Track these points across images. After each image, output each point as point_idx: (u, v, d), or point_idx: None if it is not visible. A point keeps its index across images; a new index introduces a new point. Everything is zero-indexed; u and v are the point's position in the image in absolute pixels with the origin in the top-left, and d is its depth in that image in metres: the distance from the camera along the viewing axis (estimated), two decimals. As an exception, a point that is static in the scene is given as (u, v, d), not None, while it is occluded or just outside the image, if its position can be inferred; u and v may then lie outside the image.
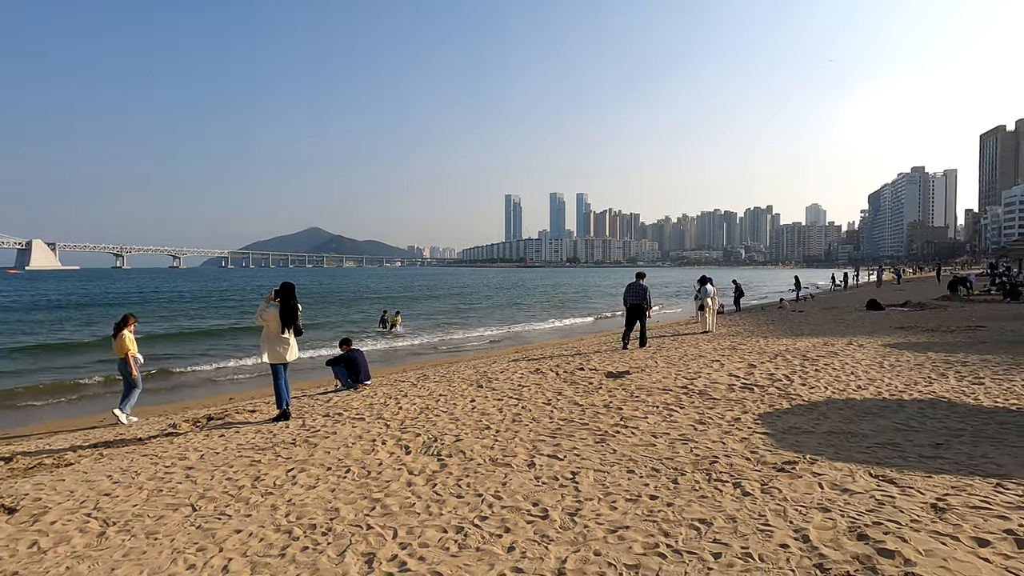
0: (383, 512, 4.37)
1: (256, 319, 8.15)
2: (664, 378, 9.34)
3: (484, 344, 22.78)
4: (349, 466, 5.60)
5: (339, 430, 7.11)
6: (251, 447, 6.62)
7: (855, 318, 20.03)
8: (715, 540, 3.59)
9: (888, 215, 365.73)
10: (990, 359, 10.03)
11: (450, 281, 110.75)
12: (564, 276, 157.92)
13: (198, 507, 4.74)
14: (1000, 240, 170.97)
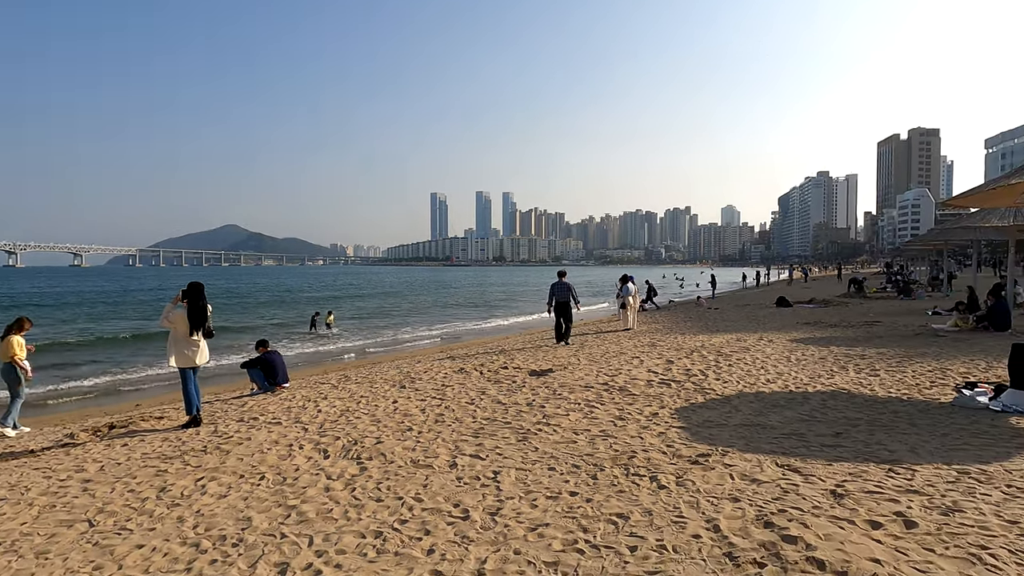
0: (299, 519, 4.23)
1: (162, 322, 7.69)
2: (586, 375, 9.50)
3: (410, 343, 22.53)
4: (264, 473, 5.39)
5: (254, 435, 6.83)
6: (157, 456, 6.26)
7: (766, 314, 21.02)
8: (632, 534, 3.67)
9: (796, 216, 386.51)
10: (885, 352, 10.75)
11: (376, 280, 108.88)
12: (491, 275, 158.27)
13: (96, 522, 4.44)
14: (895, 240, 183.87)
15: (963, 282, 27.18)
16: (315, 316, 27.91)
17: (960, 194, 9.28)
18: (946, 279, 28.81)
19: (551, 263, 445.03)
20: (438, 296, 56.62)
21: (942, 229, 28.30)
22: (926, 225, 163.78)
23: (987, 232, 18.34)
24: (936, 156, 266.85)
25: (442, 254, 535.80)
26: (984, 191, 8.43)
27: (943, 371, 8.74)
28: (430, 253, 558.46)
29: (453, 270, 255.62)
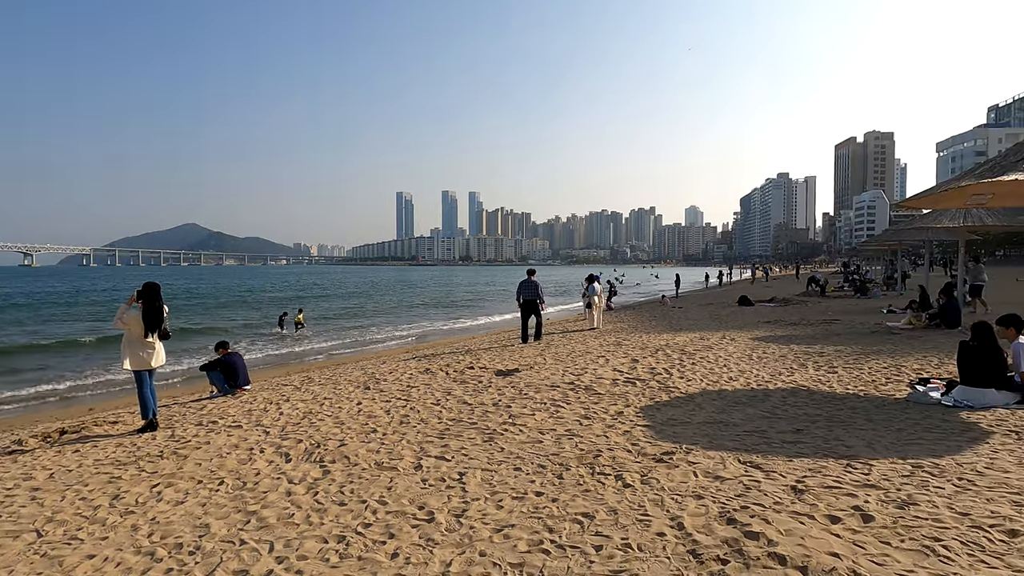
0: (259, 525, 4.13)
1: (115, 323, 7.43)
2: (552, 375, 9.52)
3: (376, 344, 22.30)
4: (223, 478, 5.25)
5: (213, 439, 6.66)
6: (111, 462, 6.06)
7: (728, 313, 21.38)
8: (597, 533, 3.67)
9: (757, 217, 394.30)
10: (843, 349, 11.02)
11: (341, 280, 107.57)
12: (457, 275, 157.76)
13: (44, 532, 4.26)
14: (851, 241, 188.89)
15: (916, 281, 28.03)
16: (283, 316, 27.34)
17: (913, 196, 9.56)
18: (900, 278, 29.70)
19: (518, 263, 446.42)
20: (404, 296, 56.22)
21: (896, 230, 29.16)
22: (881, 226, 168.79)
23: (938, 233, 18.96)
24: (890, 159, 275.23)
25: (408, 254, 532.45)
26: (936, 193, 8.70)
27: (898, 368, 8.99)
28: (396, 253, 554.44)
29: (419, 270, 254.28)
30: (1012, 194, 8.68)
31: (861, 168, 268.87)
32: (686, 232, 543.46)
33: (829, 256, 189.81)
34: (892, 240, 29.91)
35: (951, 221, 14.99)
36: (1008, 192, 8.39)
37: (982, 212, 14.01)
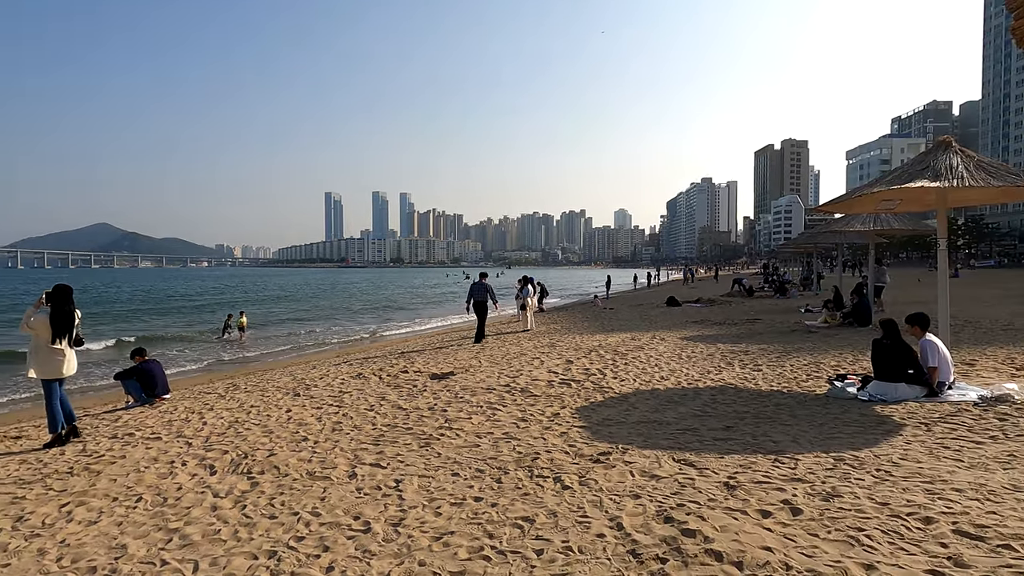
0: (182, 543, 3.90)
1: (21, 327, 6.89)
2: (488, 377, 9.48)
3: (308, 349, 21.64)
4: (141, 494, 4.94)
5: (129, 453, 6.27)
6: (13, 481, 5.60)
7: (657, 314, 21.93)
8: (538, 537, 3.65)
9: (683, 220, 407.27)
10: (766, 348, 11.48)
11: (267, 283, 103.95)
12: (389, 277, 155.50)
13: (-65, 562, 3.89)
14: (770, 243, 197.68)
15: (830, 282, 29.58)
16: (228, 319, 26.03)
17: (829, 201, 10.04)
18: (815, 279, 31.28)
19: (450, 265, 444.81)
20: (335, 300, 54.92)
21: (812, 233, 30.67)
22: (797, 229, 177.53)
23: (850, 236, 20.03)
24: (805, 166, 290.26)
25: (337, 255, 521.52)
26: (850, 199, 9.16)
27: (817, 364, 9.43)
28: (324, 254, 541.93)
29: (349, 272, 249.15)
30: (917, 200, 9.24)
31: (778, 174, 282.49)
32: (615, 234, 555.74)
33: (750, 258, 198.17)
34: (808, 243, 31.44)
35: (862, 225, 15.84)
36: (914, 198, 8.92)
37: (890, 217, 14.88)
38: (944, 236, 8.53)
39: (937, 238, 8.69)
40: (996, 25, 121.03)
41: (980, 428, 5.64)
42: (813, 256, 34.32)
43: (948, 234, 8.92)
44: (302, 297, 58.87)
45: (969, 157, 7.97)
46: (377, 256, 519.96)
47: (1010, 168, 8.30)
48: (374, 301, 52.54)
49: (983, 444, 5.14)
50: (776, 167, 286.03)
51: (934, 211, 9.06)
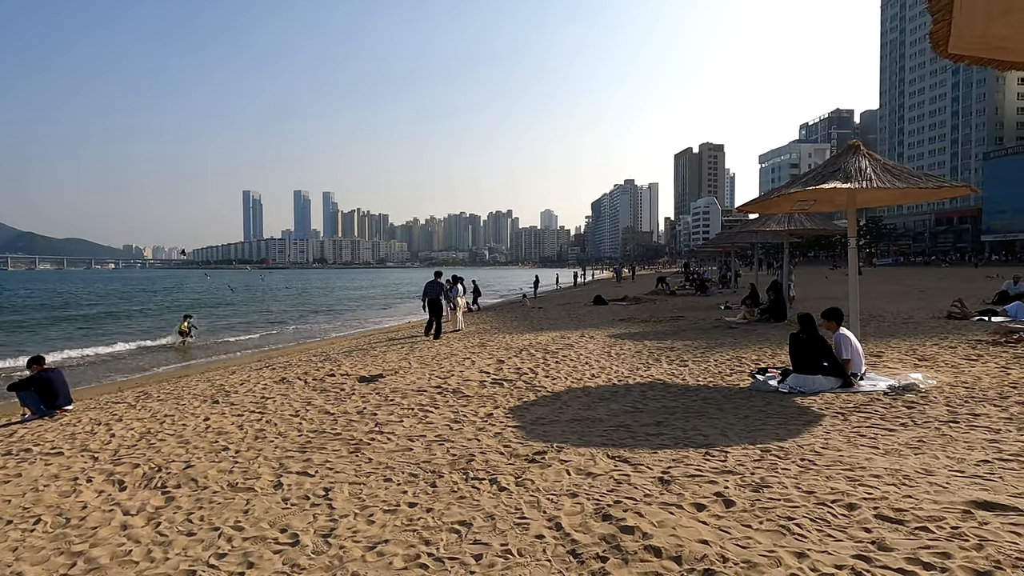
0: (88, 568, 3.58)
1: None
2: (418, 379, 9.30)
3: (227, 355, 20.67)
4: (39, 515, 4.52)
5: (26, 471, 5.75)
6: None
7: (585, 312, 22.23)
8: (476, 541, 3.56)
9: (607, 221, 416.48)
10: (690, 344, 11.80)
11: (180, 285, 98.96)
12: (313, 278, 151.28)
13: None
14: (690, 243, 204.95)
15: (747, 280, 30.84)
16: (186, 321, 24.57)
17: (749, 201, 10.43)
18: (733, 277, 32.58)
19: (375, 265, 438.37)
20: (255, 301, 52.89)
21: (729, 233, 31.92)
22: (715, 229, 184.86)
23: (765, 235, 20.95)
24: (721, 169, 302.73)
25: (257, 256, 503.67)
26: (768, 199, 9.54)
27: (739, 359, 9.76)
28: (243, 255, 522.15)
29: (270, 273, 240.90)
30: (829, 200, 9.72)
31: (697, 176, 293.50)
32: (542, 235, 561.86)
33: (671, 258, 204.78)
34: (726, 243, 32.71)
35: (777, 225, 16.59)
36: (826, 199, 9.38)
37: (802, 217, 15.64)
38: (854, 235, 8.99)
39: (847, 237, 9.15)
40: (892, 39, 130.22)
41: (891, 416, 5.95)
42: (731, 255, 35.74)
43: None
44: (218, 300, 56.38)
45: (876, 160, 8.44)
46: (299, 257, 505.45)
47: (912, 171, 8.85)
48: (297, 302, 50.96)
49: (895, 431, 5.42)
50: (695, 170, 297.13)
51: (843, 211, 9.54)
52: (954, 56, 2.99)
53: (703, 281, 32.10)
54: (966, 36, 2.80)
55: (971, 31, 2.77)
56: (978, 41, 2.86)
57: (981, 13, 2.61)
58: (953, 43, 2.83)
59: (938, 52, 2.89)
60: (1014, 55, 3.01)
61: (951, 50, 2.88)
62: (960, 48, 2.91)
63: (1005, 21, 2.63)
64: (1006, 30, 2.73)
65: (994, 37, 2.80)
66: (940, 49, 2.89)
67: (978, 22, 2.69)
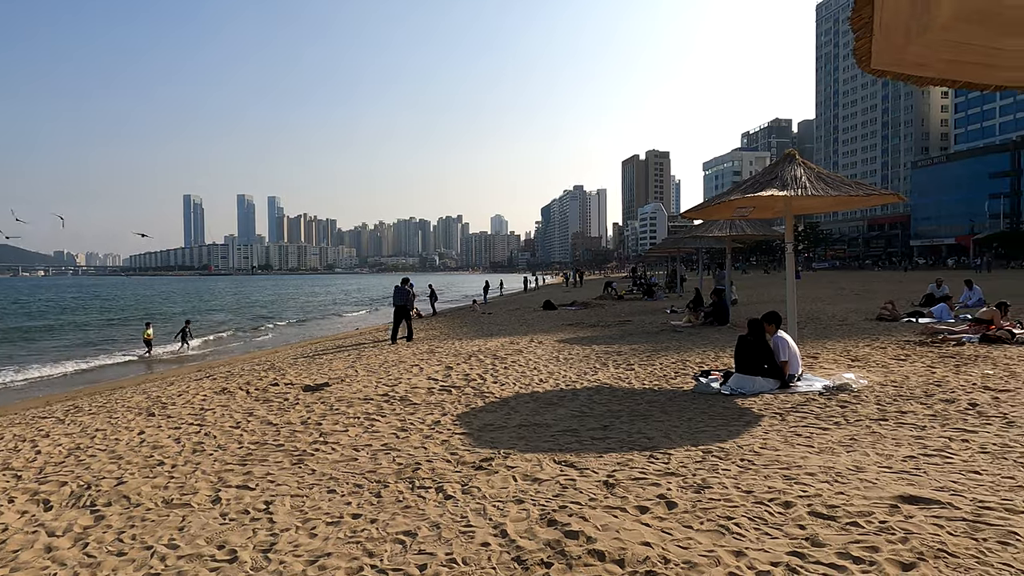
0: (7, 594, 3.39)
1: None
2: (365, 387, 9.16)
3: (163, 364, 19.96)
4: (-45, 540, 4.25)
5: (-59, 492, 5.40)
6: None
7: (534, 317, 22.36)
8: (420, 551, 3.52)
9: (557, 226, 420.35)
10: (637, 348, 12.00)
11: (113, 293, 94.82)
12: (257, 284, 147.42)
13: None
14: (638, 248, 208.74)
15: (692, 284, 31.57)
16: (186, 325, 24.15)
17: (691, 208, 10.71)
18: (679, 282, 33.30)
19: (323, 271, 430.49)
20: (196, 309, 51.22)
21: (675, 238, 32.66)
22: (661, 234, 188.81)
23: (709, 241, 21.53)
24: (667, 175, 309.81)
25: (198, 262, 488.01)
26: (709, 206, 9.82)
27: (683, 362, 9.97)
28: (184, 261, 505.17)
29: (212, 280, 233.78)
30: (768, 207, 10.07)
31: (644, 182, 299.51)
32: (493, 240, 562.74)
33: (619, 262, 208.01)
34: (671, 247, 33.43)
35: (719, 231, 17.08)
36: (765, 205, 9.71)
37: (744, 223, 16.13)
38: (791, 240, 9.32)
39: (784, 242, 9.49)
40: (826, 53, 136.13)
41: (826, 415, 6.18)
42: (676, 260, 36.53)
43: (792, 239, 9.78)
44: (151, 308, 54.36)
45: (811, 169, 8.78)
46: (243, 263, 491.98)
47: (844, 179, 9.23)
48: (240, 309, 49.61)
49: (829, 430, 5.63)
50: (642, 176, 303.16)
51: (782, 217, 9.88)
52: (876, 72, 3.12)
53: (650, 285, 32.71)
54: (886, 54, 2.92)
55: (891, 49, 2.88)
56: (898, 58, 2.98)
57: (900, 33, 2.72)
58: (875, 59, 2.95)
59: (862, 67, 3.01)
60: (932, 72, 3.15)
61: (874, 66, 3.01)
62: (882, 64, 3.03)
63: (922, 41, 2.75)
64: (923, 49, 2.85)
65: (913, 55, 2.92)
66: (863, 64, 3.01)
67: (897, 41, 2.80)
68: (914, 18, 2.64)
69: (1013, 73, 3.13)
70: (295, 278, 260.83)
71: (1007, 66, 3.01)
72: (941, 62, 3.04)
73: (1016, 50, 2.83)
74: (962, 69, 3.15)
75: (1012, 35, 2.73)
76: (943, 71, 3.16)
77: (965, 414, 5.91)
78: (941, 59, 3.00)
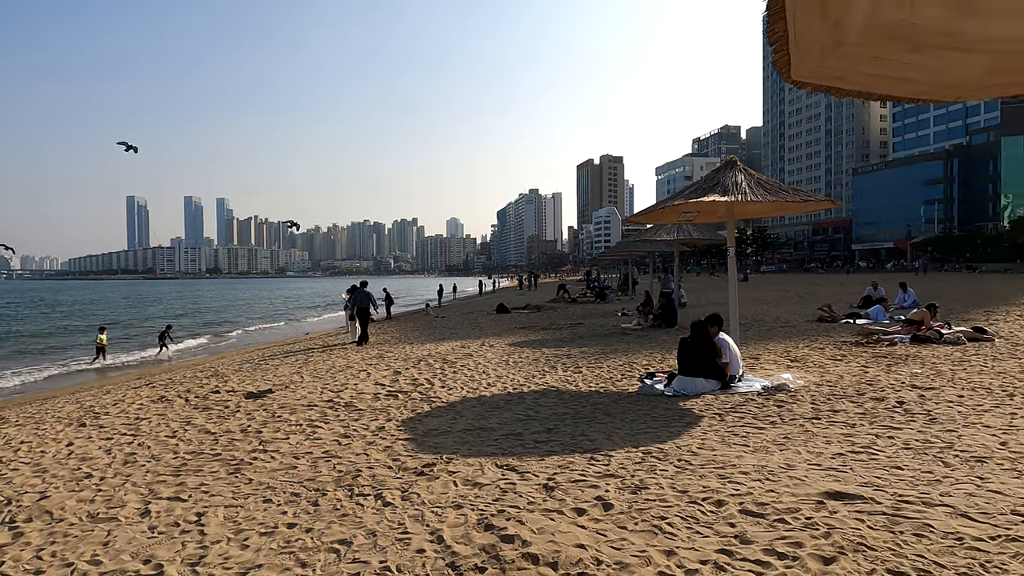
0: (-89, 618, 3.20)
1: None
2: (310, 393, 8.99)
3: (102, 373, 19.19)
4: None
5: None
6: None
7: (487, 321, 22.35)
8: (355, 560, 3.47)
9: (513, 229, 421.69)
10: (586, 351, 12.12)
11: (49, 299, 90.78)
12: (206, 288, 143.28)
13: None
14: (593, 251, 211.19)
15: (643, 287, 32.06)
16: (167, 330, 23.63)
17: (636, 212, 10.89)
18: (631, 285, 33.78)
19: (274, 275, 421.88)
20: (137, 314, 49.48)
21: (626, 242, 33.11)
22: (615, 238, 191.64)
23: (658, 244, 21.91)
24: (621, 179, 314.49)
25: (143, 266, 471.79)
26: (654, 210, 10.00)
27: (630, 364, 10.11)
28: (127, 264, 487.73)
29: (158, 284, 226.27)
30: (711, 212, 10.31)
31: (598, 187, 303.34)
32: (448, 243, 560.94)
33: (574, 265, 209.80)
34: (623, 251, 33.90)
35: (668, 235, 17.39)
36: (708, 210, 9.93)
37: (691, 227, 16.47)
38: (732, 244, 9.57)
39: (727, 246, 9.73)
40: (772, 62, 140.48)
41: (763, 415, 6.35)
42: (628, 263, 37.06)
43: (739, 243, 10.06)
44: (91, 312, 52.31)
45: (751, 175, 9.03)
46: (191, 266, 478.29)
47: (783, 185, 9.53)
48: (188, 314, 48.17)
49: (764, 429, 5.79)
50: (596, 180, 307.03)
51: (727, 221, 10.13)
52: (798, 83, 3.21)
53: (602, 288, 33.09)
54: (805, 66, 3.00)
55: (809, 62, 2.96)
56: (816, 71, 3.07)
57: (815, 46, 2.80)
58: (795, 71, 3.04)
59: (784, 78, 3.10)
60: (851, 84, 3.25)
61: (794, 77, 3.10)
62: (802, 76, 3.12)
63: (837, 55, 2.82)
64: (840, 62, 2.93)
65: (830, 68, 3.01)
66: (785, 75, 3.10)
67: (814, 54, 2.88)
68: (827, 34, 2.71)
69: (924, 87, 3.27)
70: (245, 282, 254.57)
71: (918, 80, 3.14)
72: (859, 75, 3.13)
73: (925, 65, 2.94)
74: (878, 82, 3.25)
75: (920, 51, 2.84)
76: (861, 84, 3.26)
77: (892, 412, 6.17)
78: (859, 72, 3.09)
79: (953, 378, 7.69)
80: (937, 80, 3.07)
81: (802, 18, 2.49)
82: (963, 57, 2.82)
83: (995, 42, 2.64)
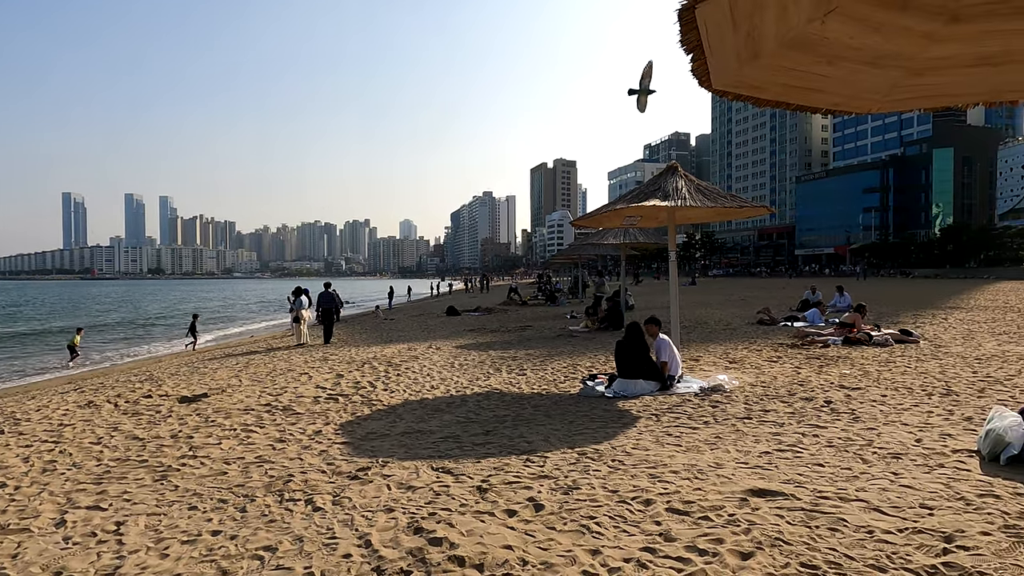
0: None
1: None
2: (247, 397, 8.76)
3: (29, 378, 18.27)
4: None
5: None
6: None
7: (436, 323, 22.24)
8: (279, 567, 3.40)
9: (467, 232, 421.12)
10: (532, 353, 12.17)
11: None
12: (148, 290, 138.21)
13: None
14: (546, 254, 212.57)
15: (595, 290, 32.43)
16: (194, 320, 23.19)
17: (580, 216, 11.03)
18: (582, 288, 34.11)
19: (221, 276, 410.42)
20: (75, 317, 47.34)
21: (577, 245, 33.42)
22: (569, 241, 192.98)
23: (607, 248, 22.20)
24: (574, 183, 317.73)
25: (79, 265, 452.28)
26: (598, 214, 10.13)
27: (574, 366, 10.21)
28: (62, 264, 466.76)
29: (96, 285, 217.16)
30: (654, 216, 10.50)
31: (552, 190, 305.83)
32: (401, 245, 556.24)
33: (527, 268, 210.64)
34: (574, 254, 34.22)
35: (615, 238, 17.65)
36: (650, 215, 10.13)
37: (637, 231, 16.76)
38: (674, 248, 9.76)
39: (669, 250, 9.92)
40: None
41: (697, 415, 6.50)
42: (579, 266, 37.44)
43: (687, 248, 10.27)
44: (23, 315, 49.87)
45: (691, 181, 9.23)
46: (131, 266, 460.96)
47: (721, 191, 9.78)
48: (126, 316, 46.38)
49: (698, 429, 5.93)
50: (550, 184, 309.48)
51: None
52: (718, 91, 3.29)
53: (553, 291, 33.32)
54: (722, 76, 3.08)
55: (726, 72, 3.04)
56: (735, 81, 3.15)
57: (731, 57, 2.87)
58: (714, 81, 3.11)
59: (704, 86, 3.17)
60: (769, 94, 3.35)
61: (714, 86, 3.17)
62: (721, 85, 3.20)
63: (754, 65, 2.90)
64: (757, 72, 3.01)
65: (748, 77, 3.09)
66: (704, 84, 3.17)
67: (730, 65, 2.95)
68: (742, 45, 2.78)
69: (837, 98, 3.40)
70: (189, 283, 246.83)
71: (831, 91, 3.26)
72: (776, 85, 3.23)
73: (836, 77, 3.06)
74: (794, 93, 3.35)
75: (831, 64, 2.95)
76: (779, 94, 3.36)
77: (820, 411, 6.40)
78: (776, 83, 3.18)
79: (878, 378, 8.02)
80: (847, 91, 3.21)
81: (713, 29, 2.56)
82: (872, 71, 2.95)
83: (901, 59, 2.77)
